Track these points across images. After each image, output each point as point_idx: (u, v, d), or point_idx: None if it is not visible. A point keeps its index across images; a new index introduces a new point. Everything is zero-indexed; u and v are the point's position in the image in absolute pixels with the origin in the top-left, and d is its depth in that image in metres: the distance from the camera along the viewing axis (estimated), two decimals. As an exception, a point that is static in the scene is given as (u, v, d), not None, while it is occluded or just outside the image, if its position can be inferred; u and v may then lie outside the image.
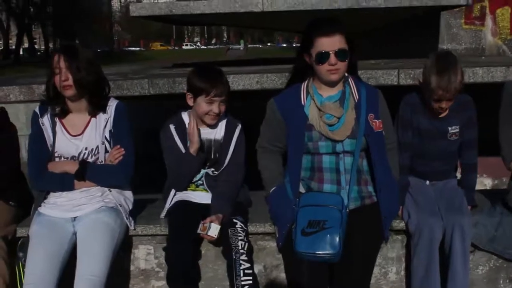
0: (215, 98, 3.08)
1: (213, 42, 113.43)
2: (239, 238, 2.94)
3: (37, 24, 55.13)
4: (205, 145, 3.20)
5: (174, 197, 3.24)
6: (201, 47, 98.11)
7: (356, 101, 2.95)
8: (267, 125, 3.12)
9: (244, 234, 3.00)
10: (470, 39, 7.09)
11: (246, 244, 2.95)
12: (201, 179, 3.22)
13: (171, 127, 3.21)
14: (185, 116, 3.26)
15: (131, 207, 3.21)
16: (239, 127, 3.24)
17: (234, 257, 2.89)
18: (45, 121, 3.09)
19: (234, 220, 3.04)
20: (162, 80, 5.03)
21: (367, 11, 6.71)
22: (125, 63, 19.09)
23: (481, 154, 3.30)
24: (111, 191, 3.11)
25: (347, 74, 2.97)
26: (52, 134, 3.09)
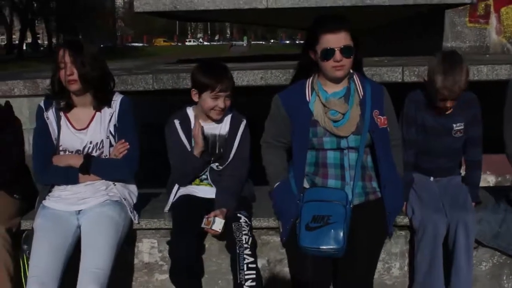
0: (221, 93, 3.09)
1: (216, 38, 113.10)
2: (243, 232, 2.96)
3: (40, 19, 55.20)
4: (210, 140, 3.21)
5: (178, 191, 3.25)
6: (204, 43, 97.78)
7: (361, 97, 2.95)
8: (271, 121, 3.12)
9: (248, 228, 3.01)
10: (474, 37, 7.09)
11: (250, 239, 2.96)
12: (205, 173, 3.23)
13: (176, 122, 3.22)
14: (190, 111, 3.27)
15: (135, 201, 3.21)
16: (244, 122, 3.24)
17: (238, 251, 2.90)
18: (50, 115, 3.10)
19: (238, 215, 3.05)
20: (167, 76, 5.05)
21: (371, 9, 6.70)
22: (128, 59, 19.12)
23: (485, 151, 3.31)
24: (115, 184, 3.12)
25: (352, 71, 2.98)
26: (57, 128, 3.09)
